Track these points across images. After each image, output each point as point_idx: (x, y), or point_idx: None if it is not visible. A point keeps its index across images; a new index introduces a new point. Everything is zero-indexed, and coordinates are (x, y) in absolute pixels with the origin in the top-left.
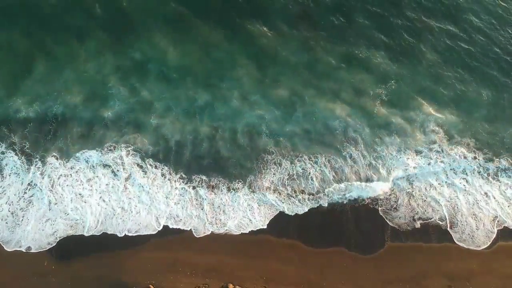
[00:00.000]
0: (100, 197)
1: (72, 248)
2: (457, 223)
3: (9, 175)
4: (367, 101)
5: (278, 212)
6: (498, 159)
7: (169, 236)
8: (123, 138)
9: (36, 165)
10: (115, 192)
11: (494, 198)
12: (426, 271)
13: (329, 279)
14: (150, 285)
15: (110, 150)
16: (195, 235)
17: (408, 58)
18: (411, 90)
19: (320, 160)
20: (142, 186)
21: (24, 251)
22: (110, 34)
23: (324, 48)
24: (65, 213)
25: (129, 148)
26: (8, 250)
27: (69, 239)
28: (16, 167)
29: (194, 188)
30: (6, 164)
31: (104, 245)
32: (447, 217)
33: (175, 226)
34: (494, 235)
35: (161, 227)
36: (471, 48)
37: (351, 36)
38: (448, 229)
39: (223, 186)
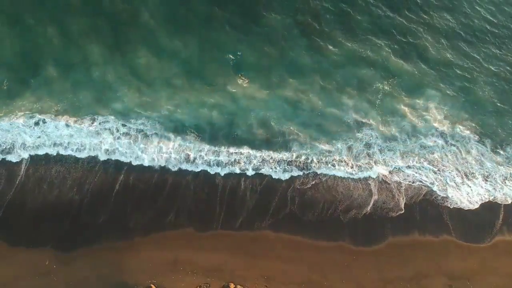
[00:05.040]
0: None
1: (74, 248)
2: None
3: None
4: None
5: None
6: None
7: (169, 234)
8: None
9: None
10: None
11: None
12: (426, 270)
13: (329, 278)
14: (151, 285)
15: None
16: None
17: (412, 53)
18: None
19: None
20: None
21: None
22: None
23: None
24: None
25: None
26: None
27: (71, 239)
28: None
29: None
30: None
31: (105, 244)
32: None
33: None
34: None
35: None
36: (477, 41)
37: (356, 32)
38: None
39: None
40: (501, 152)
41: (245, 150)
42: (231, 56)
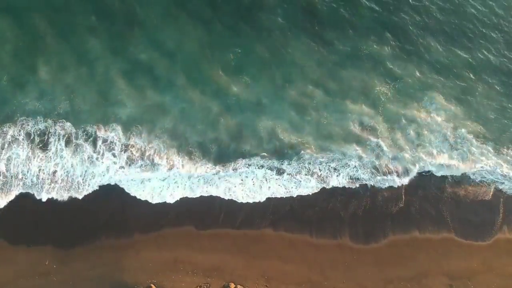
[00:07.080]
0: None
1: (74, 247)
2: None
3: None
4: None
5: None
6: None
7: (169, 233)
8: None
9: None
10: None
11: None
12: (427, 270)
13: (330, 278)
14: (152, 285)
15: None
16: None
17: (413, 56)
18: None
19: None
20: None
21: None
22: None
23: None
24: None
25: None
26: None
27: (70, 238)
28: None
29: None
30: None
31: (105, 244)
32: None
33: None
34: None
35: None
36: (479, 44)
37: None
38: None
39: None
40: (504, 151)
41: (254, 160)
42: (231, 56)
